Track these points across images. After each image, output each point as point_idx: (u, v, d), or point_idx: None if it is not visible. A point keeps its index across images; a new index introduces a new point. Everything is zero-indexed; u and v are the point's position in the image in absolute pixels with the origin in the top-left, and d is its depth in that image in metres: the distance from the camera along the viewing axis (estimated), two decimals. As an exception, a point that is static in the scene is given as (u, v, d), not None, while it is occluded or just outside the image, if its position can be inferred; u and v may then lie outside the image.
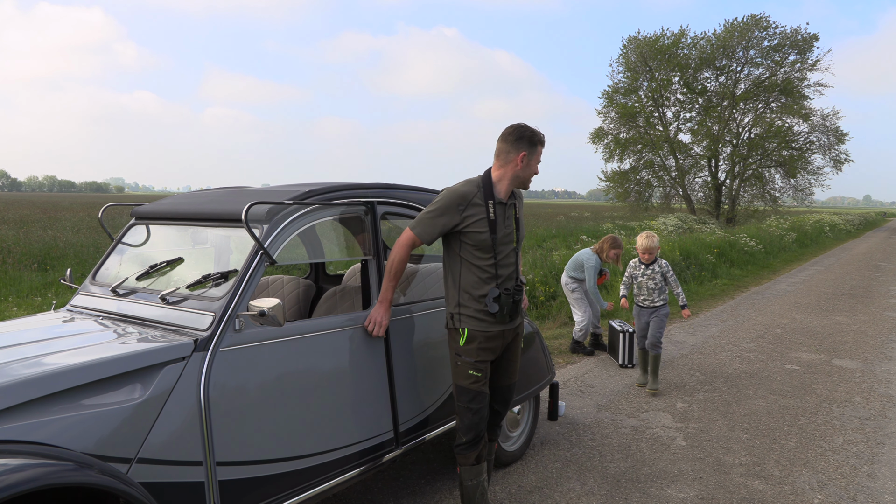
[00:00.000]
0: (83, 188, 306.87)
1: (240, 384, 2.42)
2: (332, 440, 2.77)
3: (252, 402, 2.46)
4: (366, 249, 3.04)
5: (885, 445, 4.31)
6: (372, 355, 2.96)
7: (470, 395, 2.92)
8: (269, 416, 2.52)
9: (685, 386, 5.60)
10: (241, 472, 2.43)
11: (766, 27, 29.99)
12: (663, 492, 3.59)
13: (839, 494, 3.60)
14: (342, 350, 2.81)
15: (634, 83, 32.64)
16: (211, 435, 2.32)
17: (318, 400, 2.71)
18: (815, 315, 9.19)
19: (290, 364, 2.61)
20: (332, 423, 2.76)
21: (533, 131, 2.91)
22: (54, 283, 9.59)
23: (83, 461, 1.90)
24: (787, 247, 20.19)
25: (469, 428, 2.95)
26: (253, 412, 2.46)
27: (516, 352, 3.11)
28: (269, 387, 2.52)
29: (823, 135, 30.99)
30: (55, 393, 1.99)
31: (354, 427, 2.87)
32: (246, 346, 2.46)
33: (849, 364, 6.46)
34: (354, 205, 2.99)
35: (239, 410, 2.42)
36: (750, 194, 32.78)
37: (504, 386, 3.13)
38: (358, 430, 2.88)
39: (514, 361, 3.12)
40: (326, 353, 2.75)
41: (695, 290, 11.09)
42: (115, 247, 3.22)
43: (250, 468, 2.46)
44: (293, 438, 2.60)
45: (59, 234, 15.17)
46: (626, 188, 33.89)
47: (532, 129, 2.91)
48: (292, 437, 2.60)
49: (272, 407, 2.53)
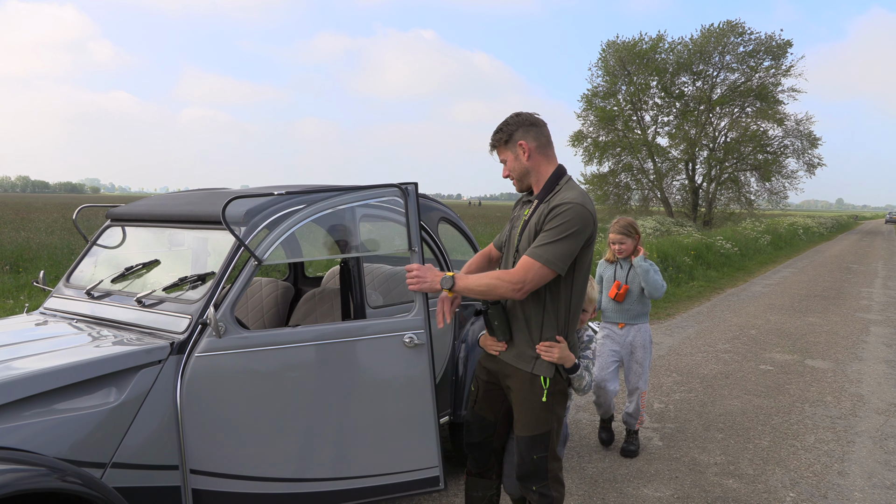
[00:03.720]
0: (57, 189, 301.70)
1: (214, 392, 2.34)
2: (319, 468, 2.49)
3: (226, 412, 2.35)
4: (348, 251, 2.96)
5: (855, 444, 4.40)
6: (398, 371, 2.54)
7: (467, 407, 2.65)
8: (245, 429, 2.38)
9: (662, 386, 5.67)
10: (214, 485, 2.36)
11: (741, 33, 30.48)
12: (640, 491, 3.62)
13: (810, 492, 3.66)
14: (332, 366, 2.50)
15: (613, 87, 32.97)
16: (184, 441, 2.30)
17: (302, 420, 2.45)
18: (788, 316, 9.34)
19: (269, 377, 2.41)
20: (318, 449, 2.49)
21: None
22: (27, 286, 9.43)
23: (56, 466, 1.87)
24: (761, 249, 20.50)
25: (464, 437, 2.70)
26: (227, 423, 2.36)
27: (518, 396, 2.41)
28: (245, 398, 2.37)
29: (797, 139, 31.58)
30: (28, 397, 1.97)
31: (347, 458, 2.53)
32: (222, 353, 2.36)
33: (821, 364, 6.58)
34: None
35: (212, 420, 2.34)
36: (726, 197, 33.30)
37: (514, 435, 2.47)
38: (352, 462, 2.53)
39: (516, 410, 2.44)
40: (311, 369, 2.47)
41: (672, 291, 11.22)
42: (90, 249, 3.18)
43: (223, 482, 2.37)
44: (271, 458, 2.43)
45: (32, 236, 14.90)
46: (605, 191, 34.20)
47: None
48: (271, 457, 2.42)
49: (249, 420, 2.38)
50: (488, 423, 2.57)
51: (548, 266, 2.22)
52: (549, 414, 2.38)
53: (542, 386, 2.34)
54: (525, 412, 2.39)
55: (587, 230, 2.28)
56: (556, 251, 2.22)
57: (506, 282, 2.24)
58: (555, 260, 2.22)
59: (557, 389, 2.39)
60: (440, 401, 3.49)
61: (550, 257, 2.22)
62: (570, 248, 2.24)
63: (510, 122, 2.43)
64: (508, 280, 2.24)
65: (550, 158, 2.43)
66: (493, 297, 2.29)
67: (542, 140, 2.42)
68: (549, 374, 2.34)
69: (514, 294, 2.24)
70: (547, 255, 2.22)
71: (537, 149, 2.40)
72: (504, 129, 2.44)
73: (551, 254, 2.22)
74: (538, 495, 2.41)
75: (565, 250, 2.23)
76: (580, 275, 2.35)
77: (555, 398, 2.38)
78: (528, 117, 2.43)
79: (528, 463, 2.41)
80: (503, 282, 2.25)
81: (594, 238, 2.34)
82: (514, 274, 2.24)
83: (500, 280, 2.26)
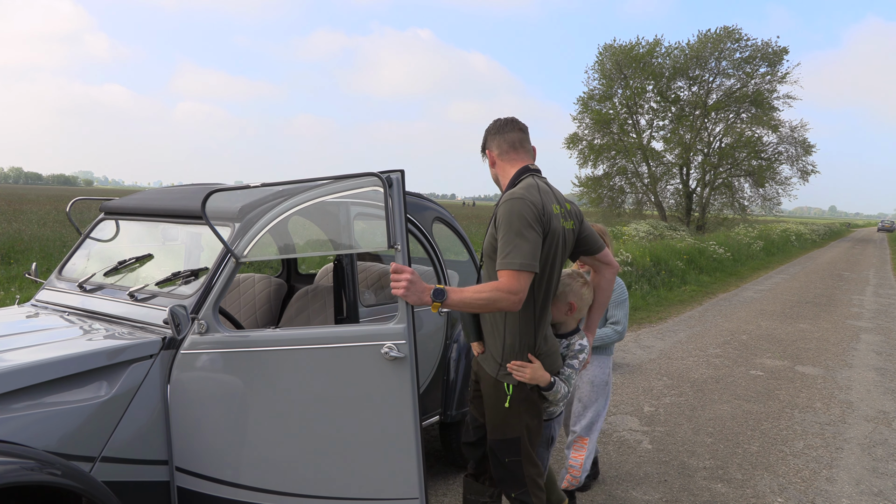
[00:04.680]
0: (51, 181, 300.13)
1: (195, 389, 2.31)
2: (289, 481, 2.33)
3: (204, 411, 2.31)
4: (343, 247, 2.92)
5: (844, 450, 4.42)
6: (374, 386, 2.28)
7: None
8: (220, 431, 2.31)
9: (652, 390, 5.68)
10: (195, 485, 2.33)
11: (738, 39, 30.57)
12: (628, 494, 3.63)
13: (799, 498, 3.68)
14: (304, 374, 2.30)
15: (609, 90, 33.02)
16: (171, 437, 2.29)
17: (274, 427, 2.32)
18: (779, 322, 9.39)
19: (245, 379, 2.30)
20: (288, 460, 2.33)
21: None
22: (18, 277, 9.37)
23: (45, 459, 1.87)
24: (754, 255, 20.59)
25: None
26: (204, 423, 2.31)
27: (487, 400, 2.39)
28: (219, 399, 2.31)
29: (791, 146, 31.69)
30: (18, 389, 1.96)
31: (319, 474, 2.33)
32: (202, 352, 2.32)
33: (811, 370, 6.61)
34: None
35: (193, 418, 2.31)
36: (720, 202, 33.39)
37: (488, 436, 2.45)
38: (323, 479, 2.33)
39: (486, 412, 2.41)
40: (285, 374, 2.30)
41: (664, 295, 11.25)
42: (82, 241, 3.16)
43: (201, 482, 2.33)
44: (243, 463, 2.33)
45: (24, 227, 14.81)
46: (599, 194, 34.24)
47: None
48: (242, 462, 2.33)
49: (223, 422, 2.31)
50: (479, 424, 2.55)
51: (524, 269, 2.13)
52: (516, 420, 2.32)
53: (506, 391, 2.30)
54: (493, 416, 2.36)
55: (534, 220, 2.18)
56: (522, 251, 2.14)
57: (504, 292, 2.13)
58: (525, 261, 2.13)
59: (523, 397, 2.32)
60: (430, 401, 3.49)
61: (522, 260, 2.13)
62: (530, 243, 2.15)
63: (485, 131, 2.51)
64: (507, 290, 2.13)
65: (514, 162, 2.43)
66: (496, 310, 2.17)
67: (504, 147, 2.44)
68: (512, 381, 2.29)
69: (514, 306, 2.15)
70: (518, 259, 2.13)
71: (499, 155, 2.45)
72: (483, 138, 2.53)
73: (519, 256, 2.14)
74: (518, 502, 2.39)
75: (528, 246, 2.15)
76: (541, 273, 2.27)
77: (521, 406, 2.32)
78: (495, 124, 2.48)
79: (500, 467, 2.38)
80: (502, 293, 2.12)
81: (551, 230, 2.24)
82: (507, 285, 2.14)
83: (499, 292, 2.13)
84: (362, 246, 2.85)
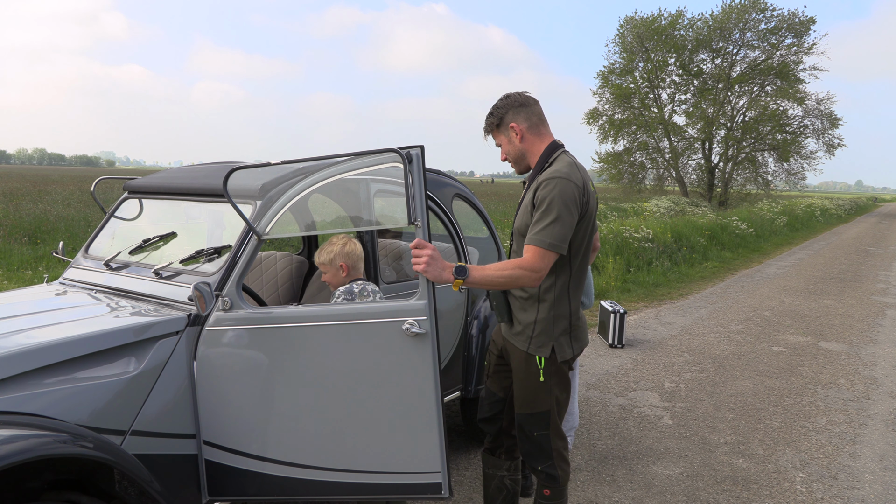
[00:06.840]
0: (73, 161, 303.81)
1: (220, 365, 2.35)
2: (312, 454, 2.37)
3: (229, 386, 2.35)
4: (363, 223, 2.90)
5: (868, 426, 4.39)
6: (395, 362, 2.29)
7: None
8: (243, 406, 2.36)
9: (673, 366, 5.67)
10: (222, 458, 2.39)
11: (763, 9, 29.82)
12: (649, 469, 3.65)
13: (821, 473, 3.67)
14: (325, 350, 2.33)
15: (630, 64, 32.46)
16: (198, 411, 2.34)
17: (296, 402, 2.36)
18: (803, 298, 9.28)
19: (267, 354, 2.34)
20: (310, 434, 2.37)
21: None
22: (45, 257, 9.55)
23: (77, 432, 1.92)
24: (777, 230, 20.31)
25: (479, 405, 2.73)
26: (229, 397, 2.36)
27: (517, 374, 2.42)
28: (243, 373, 2.35)
29: (817, 119, 30.99)
30: (49, 365, 2.01)
31: (341, 448, 2.37)
32: (226, 329, 2.35)
33: (835, 347, 6.54)
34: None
35: (218, 392, 2.35)
36: (742, 177, 32.85)
37: (514, 412, 2.50)
38: (346, 453, 2.37)
39: (516, 387, 2.45)
40: (306, 351, 2.33)
41: (685, 272, 11.16)
42: (107, 221, 3.21)
43: (227, 455, 2.39)
44: (265, 437, 2.38)
45: (50, 208, 15.06)
46: (619, 170, 33.86)
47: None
48: (264, 436, 2.38)
49: (246, 397, 2.35)
50: (498, 399, 2.58)
51: (551, 250, 2.18)
52: (546, 394, 2.36)
53: (538, 366, 2.33)
54: (523, 390, 2.39)
55: (576, 203, 2.21)
56: (554, 232, 2.17)
57: (527, 270, 2.17)
58: (556, 242, 2.18)
59: (554, 370, 2.36)
60: (451, 378, 3.51)
61: (552, 240, 2.17)
62: (565, 226, 2.19)
63: (500, 106, 2.41)
64: (529, 268, 2.17)
65: (544, 137, 2.40)
66: (517, 287, 2.21)
67: (534, 119, 2.39)
68: (545, 353, 2.33)
69: (534, 283, 2.19)
70: (549, 239, 2.17)
71: (529, 129, 2.38)
72: (495, 112, 2.42)
73: (552, 236, 2.17)
74: (544, 475, 2.43)
75: (562, 229, 2.18)
76: (577, 250, 2.31)
77: (552, 378, 2.36)
78: (517, 98, 2.40)
79: (528, 440, 2.42)
80: (525, 271, 2.16)
81: (589, 209, 2.28)
82: (530, 262, 2.18)
83: (521, 269, 2.17)
84: (383, 222, 2.86)
